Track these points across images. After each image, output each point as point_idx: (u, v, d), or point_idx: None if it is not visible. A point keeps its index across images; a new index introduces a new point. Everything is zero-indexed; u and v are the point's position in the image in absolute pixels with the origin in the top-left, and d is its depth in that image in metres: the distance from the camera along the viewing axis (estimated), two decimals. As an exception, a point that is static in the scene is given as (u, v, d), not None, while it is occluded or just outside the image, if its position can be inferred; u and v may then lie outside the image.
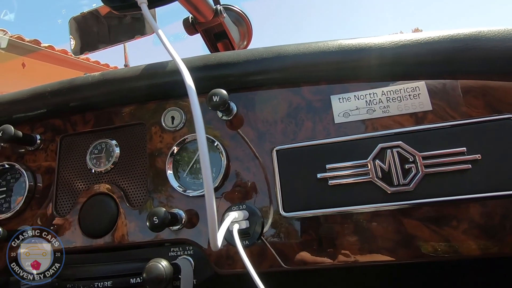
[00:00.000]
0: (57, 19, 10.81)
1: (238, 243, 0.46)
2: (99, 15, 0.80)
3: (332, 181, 0.55)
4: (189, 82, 0.39)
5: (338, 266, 0.54)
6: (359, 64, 0.60)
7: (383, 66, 0.59)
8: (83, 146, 0.70)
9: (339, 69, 0.61)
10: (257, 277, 0.41)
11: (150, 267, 0.49)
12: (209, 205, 0.32)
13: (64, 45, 5.54)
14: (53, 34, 12.97)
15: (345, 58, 0.60)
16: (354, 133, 0.58)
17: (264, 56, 0.62)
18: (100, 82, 0.68)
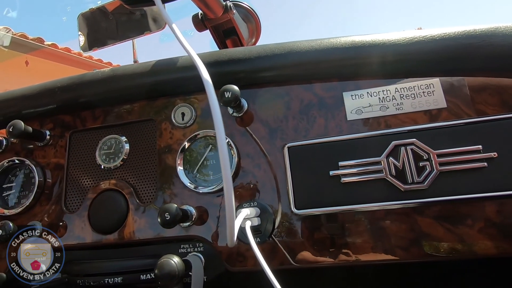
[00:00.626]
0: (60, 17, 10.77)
1: (252, 241, 0.46)
2: (108, 11, 0.79)
3: (345, 178, 0.55)
4: (206, 77, 0.39)
5: (351, 264, 0.53)
6: (372, 61, 0.59)
7: (397, 63, 0.58)
8: (92, 142, 0.70)
9: (352, 65, 0.60)
10: (272, 275, 0.41)
11: (162, 263, 0.49)
12: (228, 201, 0.32)
13: (67, 42, 5.55)
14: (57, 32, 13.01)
15: (358, 54, 0.59)
16: (367, 130, 0.57)
17: (276, 52, 0.61)
18: (110, 78, 0.67)
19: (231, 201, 0.32)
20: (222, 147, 0.31)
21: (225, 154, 0.31)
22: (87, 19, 0.82)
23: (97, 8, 0.81)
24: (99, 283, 0.58)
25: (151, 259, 0.61)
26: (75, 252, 0.65)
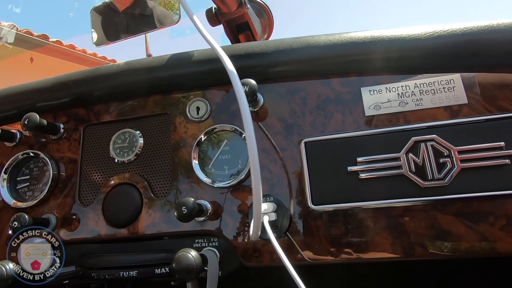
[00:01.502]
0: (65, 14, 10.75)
1: (272, 236, 0.45)
2: (121, 5, 0.79)
3: (363, 174, 0.54)
4: (232, 69, 0.38)
5: (369, 262, 0.53)
6: (392, 56, 0.58)
7: (417, 58, 0.57)
8: (106, 135, 0.70)
9: (371, 60, 0.59)
10: (294, 272, 0.40)
11: (180, 257, 0.49)
12: (256, 196, 0.31)
13: (72, 39, 5.57)
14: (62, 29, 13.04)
15: (377, 49, 0.58)
16: (385, 126, 0.57)
17: (293, 46, 0.61)
18: (124, 72, 0.67)
19: (259, 195, 0.31)
20: (251, 141, 0.31)
21: (254, 149, 0.31)
22: (100, 13, 0.82)
23: (110, 2, 0.80)
24: (114, 276, 0.58)
25: (165, 253, 0.60)
26: (89, 246, 0.65)
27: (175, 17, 0.75)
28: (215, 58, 0.63)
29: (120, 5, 0.81)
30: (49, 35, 5.48)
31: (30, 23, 12.63)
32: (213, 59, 0.63)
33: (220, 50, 0.41)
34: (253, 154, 0.31)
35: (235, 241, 0.57)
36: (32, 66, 5.41)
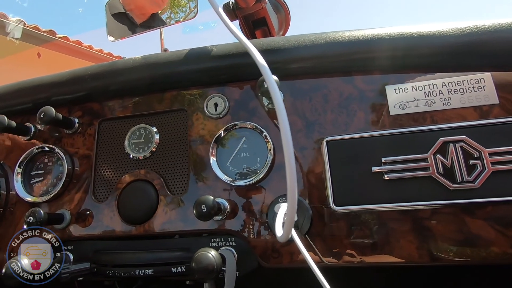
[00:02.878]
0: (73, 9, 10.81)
1: (297, 237, 0.44)
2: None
3: (388, 175, 0.52)
4: (262, 62, 0.36)
5: (393, 265, 0.51)
6: (419, 53, 0.56)
7: (445, 56, 0.55)
8: (121, 131, 0.68)
9: (397, 57, 0.57)
10: (320, 273, 0.39)
11: (200, 256, 0.47)
12: (291, 195, 0.30)
13: (78, 35, 5.59)
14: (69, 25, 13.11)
15: (404, 45, 0.56)
16: (411, 125, 0.55)
17: (316, 42, 0.59)
18: (141, 66, 0.66)
19: (294, 195, 0.30)
20: (287, 140, 0.30)
21: (290, 148, 0.30)
22: (115, 7, 0.81)
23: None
24: (129, 274, 0.57)
25: (181, 252, 0.59)
26: (103, 242, 0.64)
27: (192, 11, 0.74)
28: (235, 53, 0.62)
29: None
30: (56, 31, 5.51)
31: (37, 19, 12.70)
32: (232, 54, 0.62)
33: (249, 43, 0.40)
34: (289, 153, 0.29)
35: (253, 241, 0.56)
36: (39, 62, 5.44)
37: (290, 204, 0.30)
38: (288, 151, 0.30)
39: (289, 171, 0.29)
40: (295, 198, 0.30)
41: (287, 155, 0.30)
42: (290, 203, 0.30)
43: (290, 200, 0.30)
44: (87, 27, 10.24)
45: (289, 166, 0.29)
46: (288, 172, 0.30)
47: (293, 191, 0.29)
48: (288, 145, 0.30)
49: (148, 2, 0.82)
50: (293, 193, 0.29)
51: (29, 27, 4.93)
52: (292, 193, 0.30)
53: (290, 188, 0.30)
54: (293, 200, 0.30)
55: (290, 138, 0.31)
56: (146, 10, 0.84)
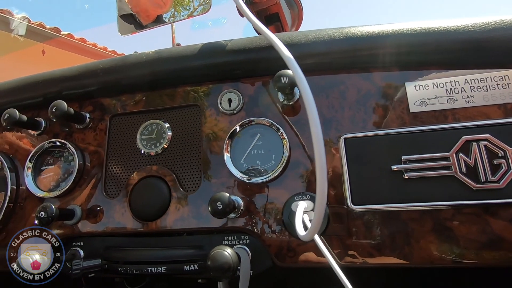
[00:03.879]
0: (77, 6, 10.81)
1: (317, 237, 0.42)
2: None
3: (409, 174, 0.51)
4: (289, 55, 0.35)
5: (413, 266, 0.50)
6: (440, 49, 0.55)
7: (468, 52, 0.54)
8: (133, 126, 0.67)
9: (416, 53, 0.56)
10: (342, 274, 0.38)
11: (215, 254, 0.46)
12: (320, 194, 0.28)
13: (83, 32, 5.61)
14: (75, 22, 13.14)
15: (426, 41, 0.55)
16: (432, 123, 0.53)
17: (334, 37, 0.57)
18: (154, 60, 0.65)
19: (324, 194, 0.29)
20: (319, 139, 0.28)
21: (320, 145, 0.28)
22: (122, 8, 0.80)
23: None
24: (141, 272, 0.56)
25: (194, 250, 0.58)
26: (113, 239, 0.64)
27: (205, 4, 0.72)
28: (250, 48, 0.61)
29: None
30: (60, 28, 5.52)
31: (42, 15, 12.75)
32: (248, 48, 0.61)
33: (273, 36, 0.38)
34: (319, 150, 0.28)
35: (268, 239, 0.55)
36: (44, 59, 5.45)
37: (319, 201, 0.29)
38: (318, 147, 0.29)
39: (320, 167, 0.28)
40: (325, 196, 0.29)
41: (317, 151, 0.28)
42: (319, 201, 0.29)
43: (319, 197, 0.29)
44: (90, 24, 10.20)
45: (319, 163, 0.28)
46: (318, 169, 0.29)
47: (323, 189, 0.28)
48: (318, 142, 0.28)
49: (151, 5, 0.83)
50: (323, 191, 0.28)
51: (34, 24, 4.95)
52: (322, 191, 0.28)
53: (320, 185, 0.28)
54: (322, 197, 0.29)
55: (320, 134, 0.30)
56: (150, 13, 0.84)
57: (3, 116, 0.64)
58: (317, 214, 0.29)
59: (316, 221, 0.30)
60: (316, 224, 0.30)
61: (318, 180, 0.29)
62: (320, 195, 0.29)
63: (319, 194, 0.29)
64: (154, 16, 0.84)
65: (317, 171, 0.29)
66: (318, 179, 0.29)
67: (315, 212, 0.30)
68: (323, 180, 0.28)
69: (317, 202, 0.29)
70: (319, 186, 0.29)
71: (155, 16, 0.84)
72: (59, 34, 5.46)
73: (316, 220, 0.30)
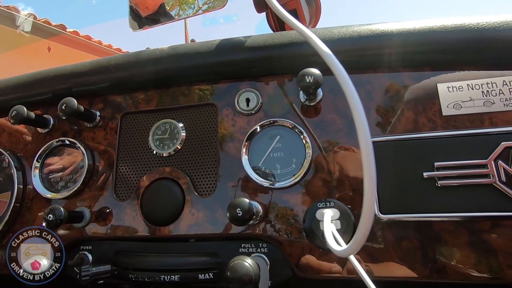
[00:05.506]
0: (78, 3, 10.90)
1: (344, 245, 0.39)
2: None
3: (442, 181, 0.47)
4: (327, 50, 0.32)
5: (445, 282, 0.46)
6: (476, 48, 0.51)
7: (507, 51, 0.50)
8: (145, 126, 0.65)
9: (450, 52, 0.52)
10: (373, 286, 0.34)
11: (236, 265, 0.43)
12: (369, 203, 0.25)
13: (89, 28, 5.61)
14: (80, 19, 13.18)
15: (459, 39, 0.51)
16: (467, 127, 0.50)
17: (361, 34, 0.54)
18: (169, 57, 0.62)
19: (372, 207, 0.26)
20: (367, 144, 0.25)
21: (370, 151, 0.26)
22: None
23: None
24: (154, 280, 0.53)
25: (208, 257, 0.55)
26: (123, 243, 0.61)
27: (222, 1, 0.69)
28: (271, 44, 0.58)
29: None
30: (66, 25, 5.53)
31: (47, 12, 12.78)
32: (269, 45, 0.57)
33: (309, 31, 0.35)
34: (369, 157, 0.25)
35: (288, 248, 0.52)
36: (49, 55, 5.47)
37: (366, 214, 0.26)
38: (367, 154, 0.26)
39: (368, 176, 0.25)
40: (373, 208, 0.26)
41: (366, 159, 0.25)
42: (366, 214, 0.26)
43: (367, 209, 0.26)
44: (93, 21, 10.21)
45: (368, 171, 0.25)
46: (367, 177, 0.25)
47: (371, 200, 0.25)
48: (367, 148, 0.25)
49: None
50: (371, 203, 0.25)
51: (40, 21, 4.96)
52: (370, 202, 0.25)
53: (367, 195, 0.25)
54: (370, 209, 0.25)
55: (369, 139, 0.26)
56: (148, 4, 0.81)
57: (11, 113, 0.62)
58: (363, 229, 0.26)
59: (361, 237, 0.27)
60: (360, 239, 0.27)
61: (366, 189, 0.26)
62: (368, 206, 0.25)
63: (366, 206, 0.26)
64: (153, 7, 0.80)
65: (365, 179, 0.26)
66: (366, 188, 0.26)
67: (360, 226, 0.27)
68: (372, 189, 0.25)
69: (363, 215, 0.26)
70: (367, 196, 0.26)
71: (154, 7, 0.80)
72: (65, 31, 5.47)
73: (361, 235, 0.27)
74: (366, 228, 0.26)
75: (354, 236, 0.29)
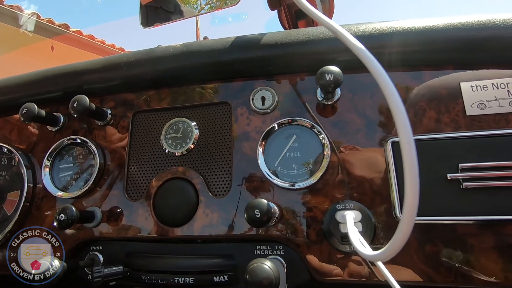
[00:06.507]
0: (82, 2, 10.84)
1: (370, 251, 0.38)
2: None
3: (468, 183, 0.46)
4: (361, 46, 0.31)
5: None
6: (501, 45, 0.49)
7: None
8: (157, 124, 0.63)
9: (474, 50, 0.51)
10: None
11: (255, 268, 0.42)
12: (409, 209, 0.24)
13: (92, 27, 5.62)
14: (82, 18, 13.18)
15: (483, 37, 0.50)
16: (492, 128, 0.48)
17: (382, 31, 0.53)
18: (182, 54, 0.60)
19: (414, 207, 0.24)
20: (410, 146, 0.24)
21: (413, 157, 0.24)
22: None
23: (162, -20, 0.74)
24: (168, 282, 0.52)
25: (223, 259, 0.54)
26: (134, 244, 0.59)
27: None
28: (288, 42, 0.56)
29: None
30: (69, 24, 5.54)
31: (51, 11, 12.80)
32: (285, 42, 0.56)
33: (339, 27, 0.34)
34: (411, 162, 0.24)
35: (305, 250, 0.50)
36: (52, 55, 5.47)
37: (407, 217, 0.24)
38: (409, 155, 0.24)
39: (410, 178, 0.24)
40: (414, 211, 0.24)
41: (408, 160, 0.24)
42: (407, 216, 0.24)
43: (408, 212, 0.24)
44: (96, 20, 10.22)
45: (410, 172, 0.24)
46: (409, 180, 0.24)
47: (413, 204, 0.24)
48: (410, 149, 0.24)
49: None
50: (413, 207, 0.24)
51: (44, 20, 4.96)
52: (411, 204, 0.24)
53: (409, 198, 0.24)
54: (411, 212, 0.24)
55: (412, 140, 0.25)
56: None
57: (21, 111, 0.60)
58: (402, 234, 0.25)
59: (400, 242, 0.25)
60: (398, 245, 0.26)
61: (407, 191, 0.24)
62: (409, 210, 0.24)
63: (407, 209, 0.24)
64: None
65: (407, 181, 0.24)
66: (407, 190, 0.24)
67: (399, 231, 0.25)
68: (414, 191, 0.24)
69: (404, 219, 0.25)
70: (408, 199, 0.24)
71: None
72: (68, 30, 5.47)
73: (399, 240, 0.25)
74: (405, 233, 0.25)
75: (391, 241, 0.27)
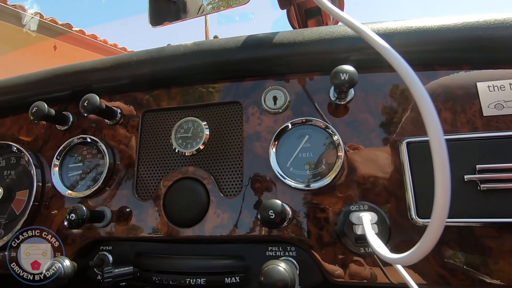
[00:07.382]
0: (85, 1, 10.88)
1: (389, 254, 0.37)
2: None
3: (485, 185, 0.45)
4: (385, 45, 0.30)
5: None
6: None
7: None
8: (167, 124, 0.63)
9: (491, 49, 0.50)
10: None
11: (270, 270, 0.41)
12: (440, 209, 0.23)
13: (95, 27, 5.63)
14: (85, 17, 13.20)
15: (499, 36, 0.49)
16: (510, 128, 0.47)
17: (399, 30, 0.52)
18: (193, 53, 0.60)
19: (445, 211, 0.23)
20: (440, 148, 0.23)
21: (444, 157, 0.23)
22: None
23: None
24: (179, 283, 0.51)
25: (234, 260, 0.53)
26: (144, 244, 0.59)
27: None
28: (301, 41, 0.56)
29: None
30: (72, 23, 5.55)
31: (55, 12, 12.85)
32: (299, 41, 0.55)
33: (363, 26, 0.33)
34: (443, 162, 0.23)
35: (318, 252, 0.50)
36: (55, 54, 5.49)
37: (436, 220, 0.24)
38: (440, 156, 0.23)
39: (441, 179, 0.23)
40: (445, 214, 0.24)
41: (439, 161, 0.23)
42: (438, 217, 0.24)
43: (438, 212, 0.23)
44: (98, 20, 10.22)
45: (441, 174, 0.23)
46: (439, 182, 0.23)
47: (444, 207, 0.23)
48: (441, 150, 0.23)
49: None
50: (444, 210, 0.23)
51: (47, 20, 4.98)
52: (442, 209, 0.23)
53: (439, 200, 0.23)
54: (442, 216, 0.23)
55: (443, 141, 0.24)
56: None
57: (31, 109, 0.60)
58: (430, 237, 0.24)
59: (428, 246, 0.25)
60: (426, 249, 0.25)
61: (437, 193, 0.24)
62: (440, 213, 0.23)
63: (437, 212, 0.24)
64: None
65: (438, 183, 0.24)
66: (437, 192, 0.24)
67: (429, 230, 0.25)
68: (446, 193, 0.23)
69: (433, 222, 0.24)
70: (438, 201, 0.24)
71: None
72: (71, 30, 5.49)
73: (428, 244, 0.24)
74: (434, 237, 0.24)
75: (418, 244, 0.27)
